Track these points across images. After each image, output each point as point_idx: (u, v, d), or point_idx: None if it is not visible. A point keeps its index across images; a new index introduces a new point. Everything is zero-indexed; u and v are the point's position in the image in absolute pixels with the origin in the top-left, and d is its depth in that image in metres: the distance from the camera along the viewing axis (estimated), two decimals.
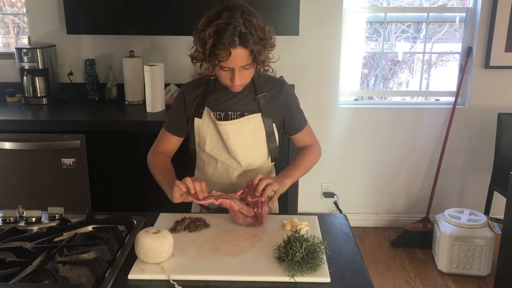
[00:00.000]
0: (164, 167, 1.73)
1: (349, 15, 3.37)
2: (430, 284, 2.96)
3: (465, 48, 3.40)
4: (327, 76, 3.38)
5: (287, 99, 1.74)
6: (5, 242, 1.40)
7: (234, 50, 1.47)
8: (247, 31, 1.47)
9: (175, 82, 3.25)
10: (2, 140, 2.78)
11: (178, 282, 1.25)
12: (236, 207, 1.53)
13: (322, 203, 3.62)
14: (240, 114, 1.70)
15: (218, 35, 1.46)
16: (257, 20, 1.51)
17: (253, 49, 1.49)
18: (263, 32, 1.52)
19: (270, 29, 1.56)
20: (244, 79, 1.59)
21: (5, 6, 3.54)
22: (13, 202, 2.56)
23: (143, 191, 2.85)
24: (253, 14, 1.52)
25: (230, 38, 1.45)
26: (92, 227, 1.50)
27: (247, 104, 1.70)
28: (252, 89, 1.70)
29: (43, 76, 3.18)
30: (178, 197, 1.54)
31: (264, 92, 1.70)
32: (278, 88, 1.74)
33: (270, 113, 1.71)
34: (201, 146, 1.76)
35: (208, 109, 1.70)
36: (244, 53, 1.50)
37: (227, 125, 1.68)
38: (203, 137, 1.73)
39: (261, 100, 1.70)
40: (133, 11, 2.93)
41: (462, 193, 3.60)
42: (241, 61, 1.51)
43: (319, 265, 1.31)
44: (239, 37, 1.46)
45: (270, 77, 1.77)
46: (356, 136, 3.50)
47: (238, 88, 1.64)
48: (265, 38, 1.53)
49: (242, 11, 1.49)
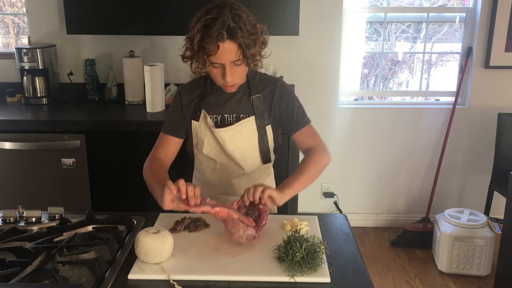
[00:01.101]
0: (158, 174, 1.63)
1: (349, 15, 3.37)
2: (430, 284, 2.96)
3: (465, 48, 3.40)
4: (327, 76, 3.38)
5: (281, 96, 1.70)
6: (5, 242, 1.40)
7: (222, 44, 1.46)
8: (236, 25, 1.46)
9: (175, 82, 3.25)
10: (2, 140, 2.78)
11: (178, 282, 1.25)
12: (235, 216, 1.41)
13: (322, 203, 3.62)
14: (236, 116, 1.68)
15: (206, 29, 1.46)
16: (247, 16, 1.50)
17: (241, 42, 1.47)
18: (253, 28, 1.51)
19: (262, 27, 1.55)
20: (236, 76, 1.56)
21: (5, 6, 3.54)
22: (13, 202, 2.56)
23: (143, 191, 2.82)
24: (242, 10, 1.51)
25: (217, 31, 1.45)
26: (92, 227, 1.50)
27: (242, 106, 1.69)
28: (247, 90, 1.69)
29: (43, 76, 3.18)
30: (169, 202, 1.41)
31: (258, 93, 1.69)
32: (272, 86, 1.71)
33: (264, 114, 1.69)
34: (199, 148, 1.75)
35: (205, 113, 1.68)
36: (233, 47, 1.48)
37: (222, 132, 1.66)
38: (201, 139, 1.72)
39: (255, 101, 1.68)
40: (133, 11, 2.93)
41: (462, 193, 3.60)
42: (230, 56, 1.50)
43: (319, 265, 1.31)
44: (227, 31, 1.45)
45: (265, 75, 1.76)
46: (356, 136, 3.50)
47: (232, 88, 1.62)
48: (255, 33, 1.51)
49: (231, 7, 1.49)
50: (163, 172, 1.66)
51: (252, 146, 1.71)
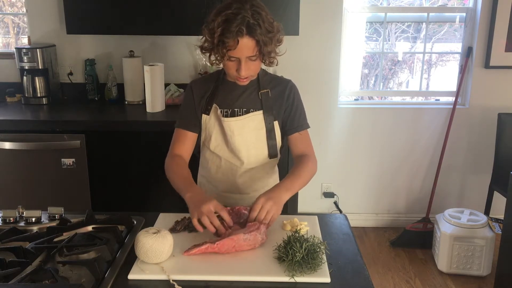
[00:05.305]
0: (180, 170, 1.66)
1: (349, 15, 3.37)
2: (430, 284, 2.95)
3: (465, 48, 3.40)
4: (327, 76, 3.38)
5: (289, 96, 1.75)
6: (5, 242, 1.40)
7: (241, 39, 1.50)
8: (255, 22, 1.51)
9: (175, 82, 3.25)
10: (2, 140, 2.78)
11: (178, 282, 1.25)
12: (241, 239, 1.38)
13: (322, 203, 3.62)
14: (246, 110, 1.71)
15: (227, 24, 1.50)
16: (266, 14, 1.55)
17: (260, 40, 1.52)
18: (270, 26, 1.55)
19: (278, 25, 1.60)
20: (250, 70, 1.61)
21: (5, 6, 3.54)
22: (13, 202, 2.55)
23: (143, 191, 2.85)
24: (262, 7, 1.56)
25: (238, 27, 1.49)
26: (92, 227, 1.50)
27: (252, 101, 1.72)
28: (257, 86, 1.73)
29: (43, 76, 3.18)
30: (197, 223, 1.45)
31: (267, 89, 1.73)
32: (283, 86, 1.76)
33: (272, 110, 1.72)
34: (206, 143, 1.77)
35: (216, 106, 1.72)
36: (251, 43, 1.52)
37: (231, 122, 1.70)
38: (209, 134, 1.75)
39: (264, 96, 1.72)
40: (133, 11, 2.93)
41: (462, 193, 3.60)
42: (247, 51, 1.54)
43: (319, 265, 1.31)
44: (246, 27, 1.50)
45: (276, 76, 1.81)
46: (356, 136, 3.50)
47: (244, 81, 1.66)
48: (272, 31, 1.56)
49: (251, 3, 1.53)
50: (183, 168, 1.69)
51: (259, 141, 1.73)
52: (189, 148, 1.75)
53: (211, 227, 1.42)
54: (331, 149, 3.48)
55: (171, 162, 1.69)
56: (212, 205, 1.44)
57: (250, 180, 1.77)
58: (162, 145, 1.86)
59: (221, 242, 1.37)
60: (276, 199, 1.50)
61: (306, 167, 1.67)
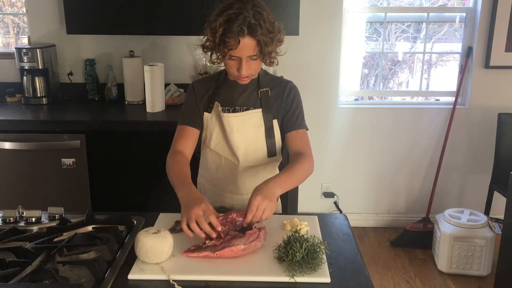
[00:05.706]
0: (179, 168, 1.64)
1: (349, 15, 3.37)
2: (430, 284, 2.95)
3: (465, 48, 3.40)
4: (327, 76, 3.38)
5: (290, 97, 1.76)
6: (5, 242, 1.40)
7: (242, 39, 1.52)
8: (256, 22, 1.52)
9: (175, 82, 3.25)
10: (2, 140, 2.78)
11: (178, 282, 1.25)
12: (241, 249, 1.37)
13: (322, 203, 3.62)
14: (246, 108, 1.73)
15: (228, 24, 1.51)
16: (267, 14, 1.56)
17: (261, 40, 1.53)
18: (271, 26, 1.57)
19: (279, 25, 1.61)
20: (251, 70, 1.62)
21: (5, 6, 3.54)
22: (13, 202, 2.55)
23: (143, 191, 2.85)
24: (263, 7, 1.57)
25: (239, 27, 1.50)
26: (92, 227, 1.50)
27: (252, 99, 1.74)
28: (257, 85, 1.75)
29: (43, 76, 3.18)
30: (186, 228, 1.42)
31: (267, 88, 1.74)
32: (283, 87, 1.77)
33: (271, 109, 1.74)
34: (206, 142, 1.78)
35: (218, 104, 1.74)
36: (252, 43, 1.54)
37: (231, 117, 1.71)
38: (210, 133, 1.76)
39: (263, 94, 1.73)
40: (133, 11, 2.93)
41: (462, 193, 3.60)
42: (248, 51, 1.55)
43: (319, 265, 1.31)
44: (248, 27, 1.51)
45: (276, 77, 1.83)
46: (356, 136, 3.50)
47: (245, 80, 1.67)
48: (273, 32, 1.57)
49: (253, 3, 1.55)
50: (182, 165, 1.66)
51: (258, 138, 1.74)
52: (191, 144, 1.74)
53: (200, 233, 1.39)
54: (331, 149, 3.48)
55: (171, 159, 1.69)
56: (201, 209, 1.40)
57: (250, 180, 1.77)
58: (162, 145, 1.86)
59: (220, 253, 1.35)
60: (270, 196, 1.46)
61: (302, 165, 1.64)
